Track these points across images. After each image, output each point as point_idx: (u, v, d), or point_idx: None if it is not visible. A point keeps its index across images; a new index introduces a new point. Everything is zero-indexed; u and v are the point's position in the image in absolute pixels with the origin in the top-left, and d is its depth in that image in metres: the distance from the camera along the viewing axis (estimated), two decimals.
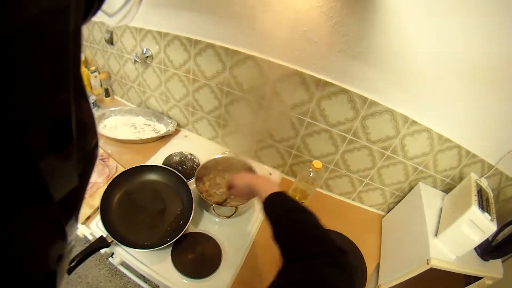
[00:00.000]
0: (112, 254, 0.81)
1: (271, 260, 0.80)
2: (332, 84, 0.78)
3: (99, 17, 0.26)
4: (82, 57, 1.20)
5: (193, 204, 0.81)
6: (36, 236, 0.16)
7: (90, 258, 1.37)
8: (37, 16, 0.12)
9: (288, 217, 0.52)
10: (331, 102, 0.81)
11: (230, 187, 0.73)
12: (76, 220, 0.20)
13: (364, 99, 0.78)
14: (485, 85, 0.67)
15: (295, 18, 0.72)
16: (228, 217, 0.84)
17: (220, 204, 0.84)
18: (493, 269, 0.73)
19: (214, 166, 0.91)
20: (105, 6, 0.22)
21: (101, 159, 0.96)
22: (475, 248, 0.75)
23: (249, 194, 0.66)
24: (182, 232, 0.76)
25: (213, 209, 0.83)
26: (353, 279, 0.42)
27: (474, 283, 0.75)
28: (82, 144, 0.18)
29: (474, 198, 0.70)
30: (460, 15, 0.59)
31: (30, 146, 0.13)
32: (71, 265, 0.68)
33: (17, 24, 0.11)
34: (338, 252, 0.44)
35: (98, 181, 0.91)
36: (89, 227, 0.81)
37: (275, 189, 0.59)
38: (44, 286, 0.18)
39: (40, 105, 0.14)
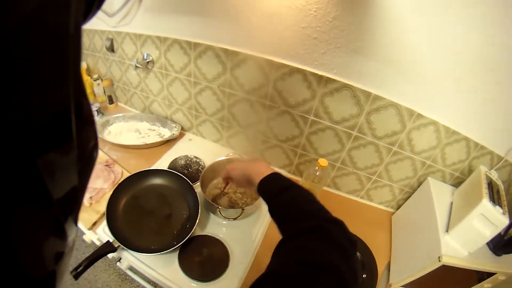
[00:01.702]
0: (120, 259, 0.81)
1: None
2: (334, 80, 0.77)
3: (99, 17, 0.26)
4: (84, 66, 1.22)
5: (199, 207, 0.81)
6: (34, 235, 0.16)
7: (99, 264, 1.41)
8: (37, 9, 0.12)
9: (281, 195, 0.53)
10: (334, 98, 0.80)
11: (227, 180, 0.74)
12: (76, 220, 0.20)
13: (368, 94, 0.77)
14: (489, 75, 0.65)
15: (293, 15, 0.71)
16: (235, 219, 0.83)
17: (218, 196, 0.85)
18: (506, 264, 0.71)
19: (219, 168, 0.91)
20: (105, 6, 0.23)
21: (107, 165, 0.97)
22: (487, 243, 0.73)
23: (248, 182, 0.66)
24: (189, 236, 0.76)
25: (220, 212, 0.82)
26: (347, 252, 0.41)
27: (487, 279, 0.73)
28: (82, 143, 0.18)
29: (485, 191, 0.68)
30: (461, 5, 0.58)
31: (28, 142, 0.13)
32: (78, 270, 0.68)
33: (17, 18, 0.11)
34: (329, 225, 0.44)
35: (104, 187, 0.91)
36: (95, 232, 0.82)
37: (268, 171, 0.59)
38: (44, 285, 0.18)
39: (39, 100, 0.14)
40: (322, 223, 0.45)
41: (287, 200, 0.52)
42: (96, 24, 1.06)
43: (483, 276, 0.72)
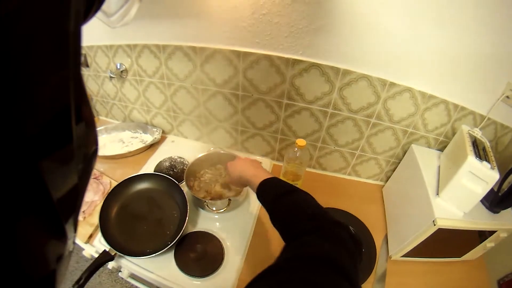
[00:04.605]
0: (120, 268, 0.82)
1: (275, 245, 0.79)
2: (301, 61, 0.78)
3: (99, 17, 0.26)
4: None
5: (188, 204, 0.81)
6: (34, 236, 0.16)
7: (106, 280, 1.41)
8: (38, 30, 0.12)
9: (281, 200, 0.52)
10: (304, 79, 0.81)
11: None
12: (76, 220, 0.20)
13: (337, 70, 0.77)
14: (457, 29, 0.65)
15: (252, 4, 0.72)
16: (224, 210, 0.84)
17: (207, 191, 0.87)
18: (506, 220, 0.70)
19: (201, 164, 0.92)
20: (104, 7, 0.22)
21: (95, 178, 0.98)
22: (482, 202, 0.72)
23: (242, 183, 0.67)
24: (181, 234, 0.76)
25: (207, 205, 0.83)
26: (351, 250, 0.40)
27: (488, 238, 0.72)
28: (83, 144, 0.18)
29: (469, 149, 0.68)
30: None
31: (29, 141, 0.13)
32: (80, 282, 0.68)
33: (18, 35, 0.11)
34: (333, 226, 0.44)
35: (95, 199, 0.92)
36: (93, 245, 0.82)
37: (266, 175, 0.59)
38: (43, 286, 0.18)
39: (39, 101, 0.13)
40: (327, 224, 0.44)
41: (289, 203, 0.51)
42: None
43: (485, 236, 0.71)
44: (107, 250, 0.75)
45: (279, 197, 0.53)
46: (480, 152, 0.69)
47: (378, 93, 0.79)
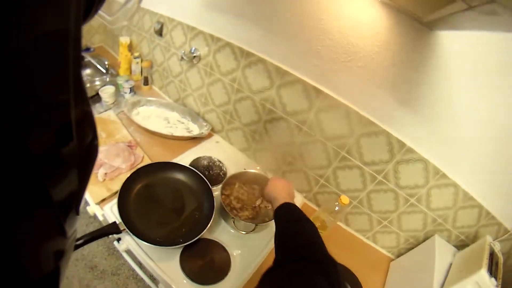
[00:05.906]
0: (119, 239, 0.81)
1: None
2: (374, 123, 0.79)
3: (99, 17, 0.26)
4: (128, 41, 1.21)
5: (214, 212, 0.81)
6: (34, 236, 0.16)
7: None
8: (38, 36, 0.13)
9: (291, 225, 0.58)
10: (371, 140, 0.82)
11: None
12: (77, 212, 0.20)
13: (402, 145, 0.79)
14: None
15: (352, 52, 0.73)
16: (246, 232, 0.84)
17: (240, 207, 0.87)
18: None
19: (241, 177, 0.91)
20: (105, 6, 0.22)
21: (129, 146, 0.96)
22: None
23: (268, 200, 0.72)
24: (198, 237, 0.76)
25: (233, 222, 0.83)
26: (334, 285, 0.45)
27: None
28: (81, 140, 0.18)
29: (485, 261, 0.71)
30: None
31: (29, 146, 0.14)
32: (78, 242, 0.67)
33: (19, 44, 0.12)
34: (328, 262, 0.47)
35: (122, 167, 0.91)
36: (102, 209, 0.82)
37: (288, 200, 0.65)
38: (45, 284, 0.18)
39: (40, 106, 0.14)
40: (321, 257, 0.48)
41: (295, 229, 0.57)
42: (149, 5, 1.06)
43: None
44: (117, 223, 0.75)
45: (290, 222, 0.59)
46: (492, 266, 0.71)
47: (428, 178, 0.81)
